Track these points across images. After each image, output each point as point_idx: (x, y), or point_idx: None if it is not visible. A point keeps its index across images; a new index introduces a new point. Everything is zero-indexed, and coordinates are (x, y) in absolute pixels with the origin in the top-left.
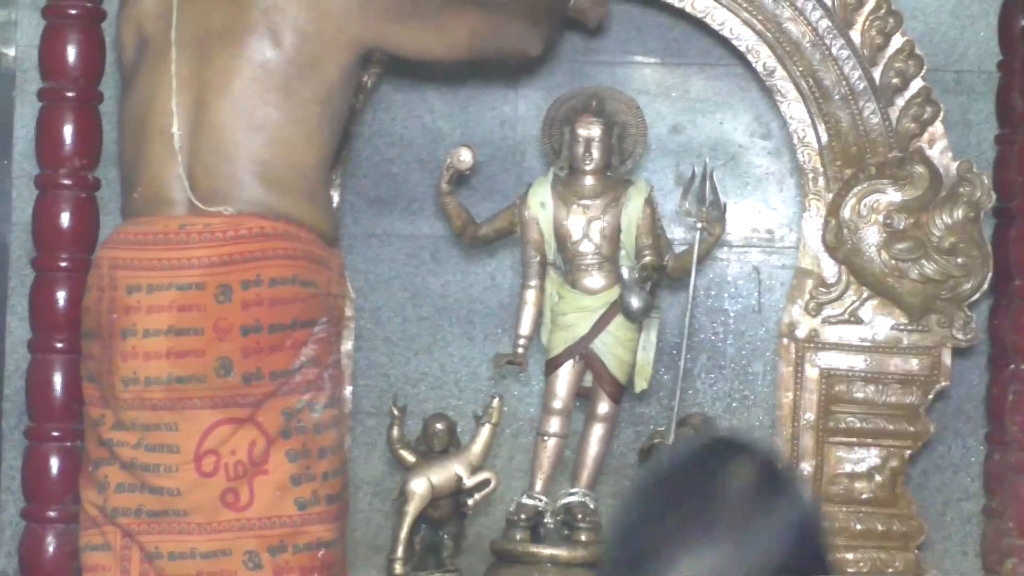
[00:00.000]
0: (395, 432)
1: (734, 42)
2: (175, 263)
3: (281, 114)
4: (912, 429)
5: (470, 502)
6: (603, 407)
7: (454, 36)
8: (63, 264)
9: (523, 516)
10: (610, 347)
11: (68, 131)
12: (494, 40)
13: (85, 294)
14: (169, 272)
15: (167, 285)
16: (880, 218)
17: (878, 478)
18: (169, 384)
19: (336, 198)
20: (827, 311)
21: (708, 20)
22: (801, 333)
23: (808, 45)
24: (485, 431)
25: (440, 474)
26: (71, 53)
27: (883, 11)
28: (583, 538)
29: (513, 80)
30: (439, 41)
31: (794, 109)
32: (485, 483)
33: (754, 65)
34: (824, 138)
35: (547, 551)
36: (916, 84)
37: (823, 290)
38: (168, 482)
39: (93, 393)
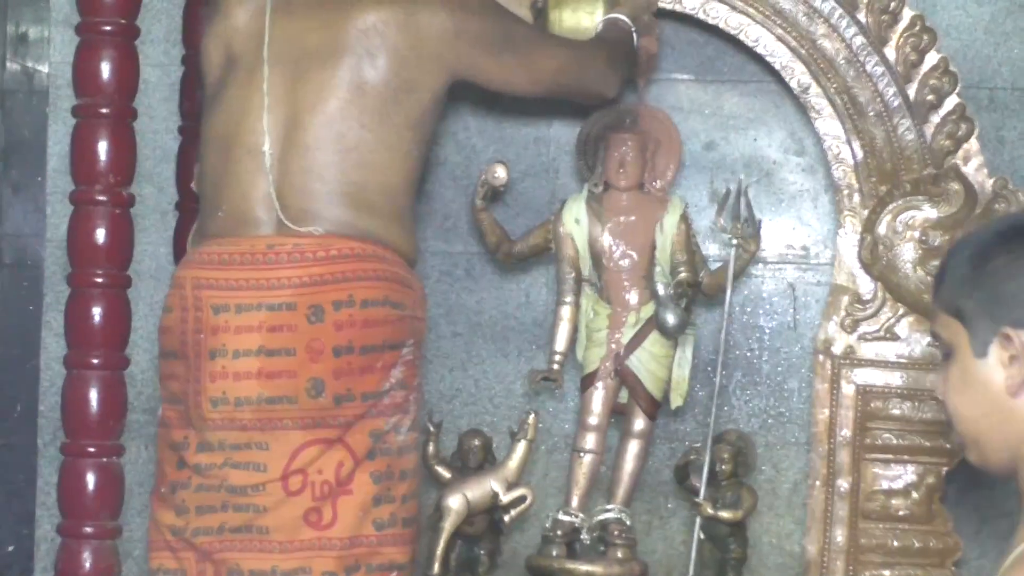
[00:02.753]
0: (431, 448)
1: (768, 59)
2: (264, 283)
3: (374, 137)
4: (948, 446)
5: (506, 518)
6: (638, 423)
7: (541, 72)
8: (98, 280)
9: (559, 532)
10: (645, 363)
11: (102, 147)
12: (577, 79)
13: (164, 314)
14: (258, 292)
15: (256, 305)
16: (915, 235)
17: (915, 495)
18: (259, 404)
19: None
20: (863, 328)
21: (742, 37)
22: (837, 350)
23: (842, 62)
24: (520, 447)
25: (476, 490)
26: (105, 70)
27: (917, 28)
28: (619, 554)
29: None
30: (526, 75)
31: (829, 126)
32: (521, 499)
33: (788, 82)
34: (859, 155)
35: (583, 567)
36: (951, 101)
37: (859, 307)
38: (255, 499)
39: (173, 416)
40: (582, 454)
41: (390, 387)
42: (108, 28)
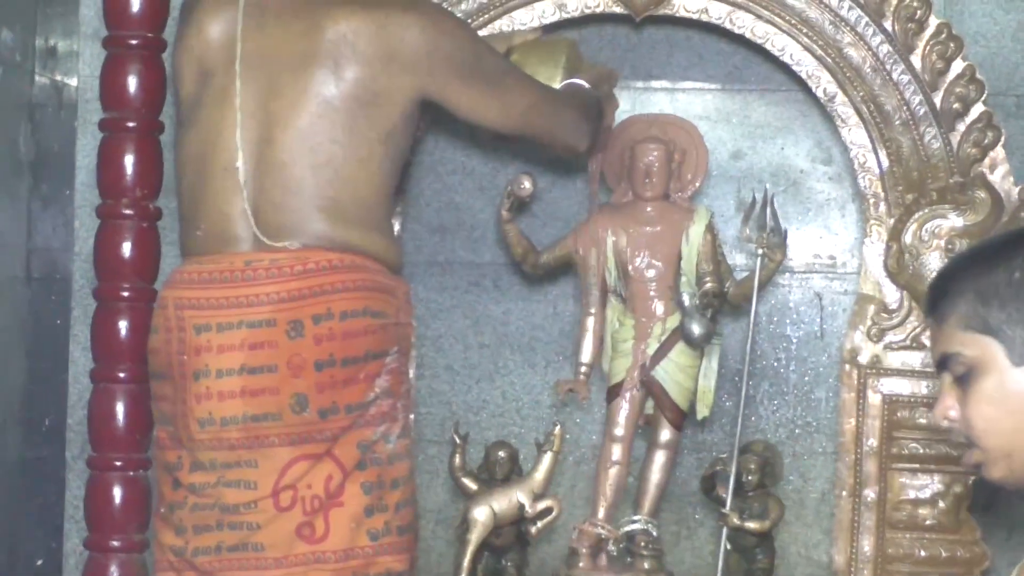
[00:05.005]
0: (457, 460)
1: (795, 68)
2: (243, 300)
3: (345, 151)
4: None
5: (533, 530)
6: (665, 434)
7: (511, 107)
8: (125, 294)
9: (586, 544)
10: (672, 374)
11: (129, 161)
12: (548, 122)
13: (151, 335)
14: (238, 310)
15: (237, 323)
16: (942, 243)
17: (942, 504)
18: (245, 423)
19: (398, 226)
20: (889, 337)
21: (768, 46)
22: (863, 359)
23: (869, 70)
24: (547, 459)
25: (502, 502)
26: (132, 83)
27: (944, 36)
28: (645, 565)
29: None
30: (496, 107)
31: (855, 134)
32: (547, 511)
33: (815, 91)
34: (885, 163)
35: None
36: (977, 109)
37: (885, 316)
38: (248, 517)
39: (166, 437)
40: (608, 465)
41: (375, 397)
42: (135, 42)
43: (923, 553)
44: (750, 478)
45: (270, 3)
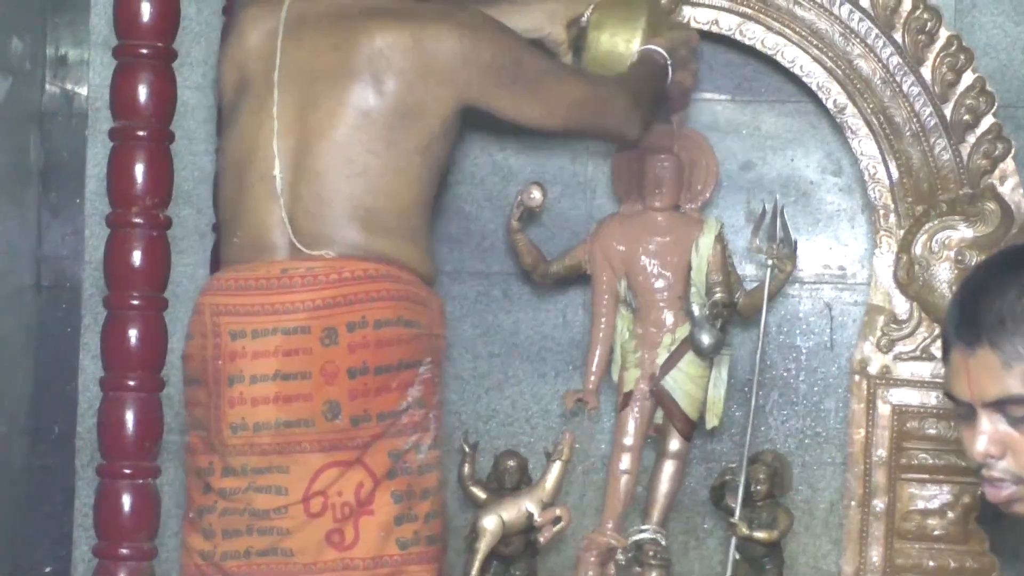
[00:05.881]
0: (466, 469)
1: (805, 79)
2: (279, 307)
3: (382, 162)
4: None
5: (541, 539)
6: (674, 444)
7: (554, 106)
8: (135, 302)
9: (594, 553)
10: (681, 384)
11: (139, 170)
12: (595, 116)
13: (187, 341)
14: (273, 317)
15: (272, 330)
16: (951, 254)
17: (951, 515)
18: (277, 429)
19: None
20: (899, 347)
21: (779, 57)
22: (873, 369)
23: (879, 82)
24: (556, 468)
25: (511, 511)
26: (142, 92)
27: (954, 48)
28: (654, 575)
29: None
30: (539, 108)
31: (865, 146)
32: (556, 520)
33: (825, 102)
34: (895, 175)
35: None
36: (987, 121)
37: (895, 326)
38: (278, 523)
39: (198, 442)
40: (618, 475)
41: (407, 406)
42: (145, 51)
43: (932, 563)
44: (759, 488)
45: (309, 15)
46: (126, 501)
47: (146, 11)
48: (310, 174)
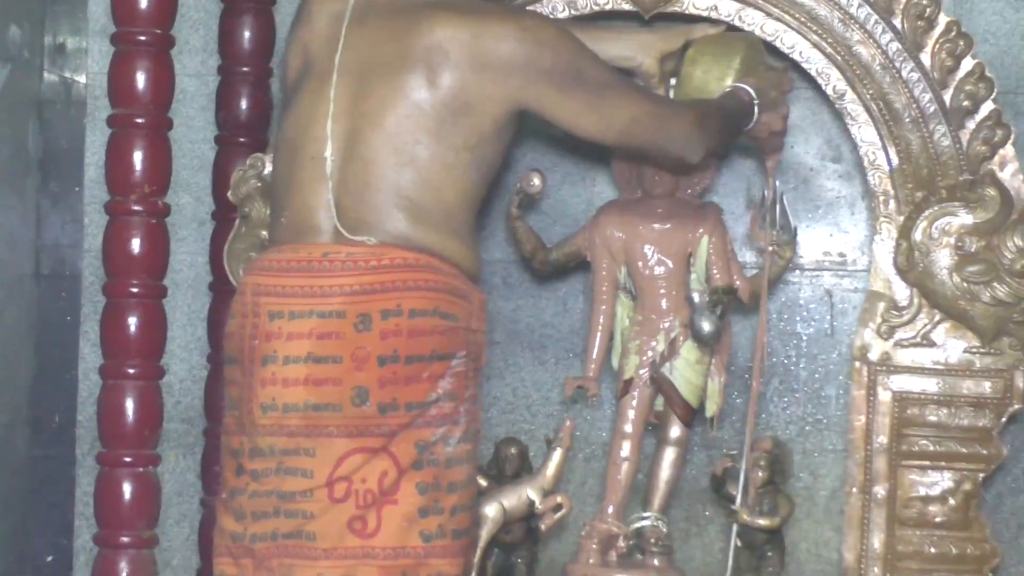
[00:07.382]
0: None
1: (804, 65)
2: (317, 291)
3: (430, 155)
4: (985, 452)
5: (542, 526)
6: (675, 431)
7: (612, 119)
8: (134, 290)
9: (595, 540)
10: (681, 371)
11: (138, 157)
12: (654, 134)
13: (229, 320)
14: (310, 299)
15: (308, 312)
16: (951, 241)
17: (952, 501)
18: (306, 411)
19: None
20: (899, 334)
21: (778, 43)
22: (873, 356)
23: (878, 68)
24: (557, 455)
25: (512, 498)
26: (141, 80)
27: (953, 34)
28: (655, 562)
29: None
30: (596, 120)
31: (865, 132)
32: (557, 507)
33: (824, 88)
34: (895, 161)
35: (620, 575)
36: (987, 107)
37: (895, 313)
38: (303, 505)
39: (232, 422)
40: (619, 462)
41: (437, 398)
42: (144, 38)
43: (933, 550)
44: (760, 475)
45: (377, 3)
46: (126, 489)
47: None
48: (359, 160)
